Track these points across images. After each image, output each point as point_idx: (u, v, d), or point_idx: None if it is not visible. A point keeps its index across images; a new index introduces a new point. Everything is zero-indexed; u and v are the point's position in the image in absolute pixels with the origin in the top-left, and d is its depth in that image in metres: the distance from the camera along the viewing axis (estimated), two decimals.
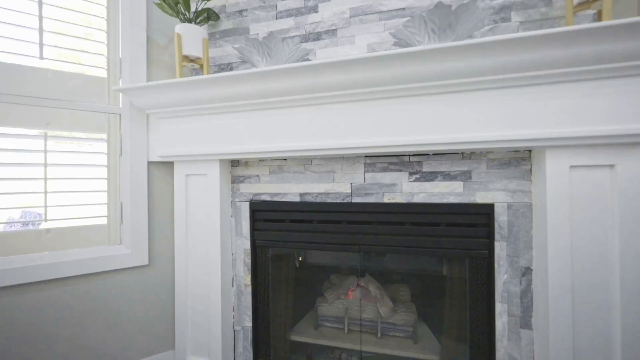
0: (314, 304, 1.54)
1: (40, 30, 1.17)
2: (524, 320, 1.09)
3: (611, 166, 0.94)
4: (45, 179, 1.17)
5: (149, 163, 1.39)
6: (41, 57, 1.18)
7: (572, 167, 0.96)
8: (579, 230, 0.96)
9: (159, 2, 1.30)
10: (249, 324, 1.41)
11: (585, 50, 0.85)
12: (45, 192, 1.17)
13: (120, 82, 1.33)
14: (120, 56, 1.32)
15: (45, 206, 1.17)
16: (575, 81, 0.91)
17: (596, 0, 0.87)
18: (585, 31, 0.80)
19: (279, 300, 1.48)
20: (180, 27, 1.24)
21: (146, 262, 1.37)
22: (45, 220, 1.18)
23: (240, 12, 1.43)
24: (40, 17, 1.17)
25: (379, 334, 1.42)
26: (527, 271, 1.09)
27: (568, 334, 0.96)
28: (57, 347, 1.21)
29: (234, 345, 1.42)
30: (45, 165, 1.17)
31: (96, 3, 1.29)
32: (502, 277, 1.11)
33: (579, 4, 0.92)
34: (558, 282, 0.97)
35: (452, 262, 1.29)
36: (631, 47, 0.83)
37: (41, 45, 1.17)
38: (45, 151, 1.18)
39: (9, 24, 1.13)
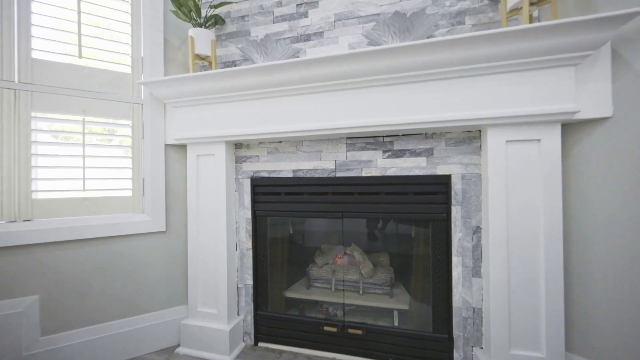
0: (306, 268, 1.78)
1: (79, 34, 1.43)
2: (475, 270, 1.33)
3: (538, 140, 1.17)
4: (84, 156, 1.43)
5: (166, 145, 1.65)
6: (80, 56, 1.44)
7: (507, 141, 1.20)
8: (512, 193, 1.20)
9: (175, 10, 1.55)
10: (250, 282, 1.66)
11: (513, 47, 1.08)
12: (84, 167, 1.43)
13: (142, 77, 1.58)
14: (142, 55, 1.58)
15: (84, 178, 1.43)
16: (510, 72, 1.14)
17: (521, 8, 1.10)
18: (505, 33, 1.03)
19: (276, 264, 1.73)
20: (193, 31, 1.49)
21: (163, 229, 1.63)
22: (84, 189, 1.43)
23: (242, 17, 1.68)
24: (79, 24, 1.43)
25: (361, 292, 1.66)
26: (477, 230, 1.33)
27: (504, 276, 1.19)
28: (91, 296, 1.46)
29: (238, 299, 1.67)
30: (84, 144, 1.43)
31: (122, 11, 1.55)
32: (458, 235, 1.35)
33: (510, 12, 1.15)
34: (497, 236, 1.21)
35: (418, 224, 1.53)
36: (547, 45, 1.05)
37: (80, 46, 1.43)
38: (84, 133, 1.43)
39: (55, 29, 1.39)
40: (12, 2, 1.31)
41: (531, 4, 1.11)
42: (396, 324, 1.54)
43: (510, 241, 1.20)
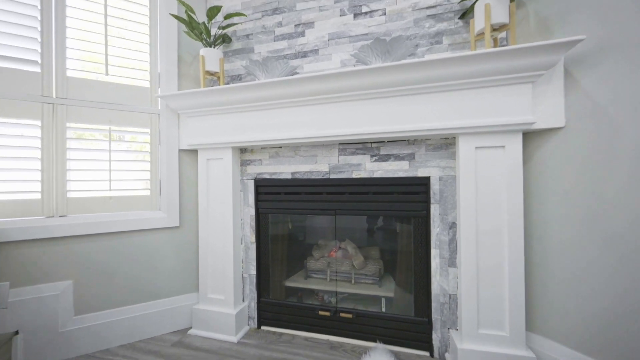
0: (304, 260, 1.97)
1: (106, 55, 1.65)
2: (451, 260, 1.50)
3: (502, 147, 1.34)
4: (110, 160, 1.64)
5: (180, 150, 1.86)
6: (106, 74, 1.65)
7: (477, 147, 1.37)
8: (481, 192, 1.37)
9: (187, 31, 1.76)
10: (253, 272, 1.86)
11: (477, 68, 1.25)
12: (110, 170, 1.64)
13: (159, 90, 1.80)
14: (159, 71, 1.79)
15: (110, 180, 1.65)
16: (477, 88, 1.31)
17: (483, 33, 1.27)
18: (466, 57, 1.21)
19: (277, 256, 1.92)
20: (204, 51, 1.70)
21: (177, 224, 1.83)
22: (110, 189, 1.65)
23: (247, 35, 1.88)
24: (106, 46, 1.64)
25: (353, 281, 1.85)
26: (452, 225, 1.50)
27: (474, 265, 1.37)
28: (116, 280, 1.68)
29: (243, 287, 1.87)
30: (110, 150, 1.65)
31: (142, 33, 1.76)
32: (436, 230, 1.53)
33: (478, 35, 1.33)
34: (468, 230, 1.38)
35: (402, 221, 1.71)
36: (506, 65, 1.22)
37: (107, 65, 1.65)
38: (110, 140, 1.65)
39: (86, 51, 1.61)
40: (50, 29, 1.53)
41: (493, 29, 1.28)
42: (383, 309, 1.72)
43: (479, 235, 1.37)
